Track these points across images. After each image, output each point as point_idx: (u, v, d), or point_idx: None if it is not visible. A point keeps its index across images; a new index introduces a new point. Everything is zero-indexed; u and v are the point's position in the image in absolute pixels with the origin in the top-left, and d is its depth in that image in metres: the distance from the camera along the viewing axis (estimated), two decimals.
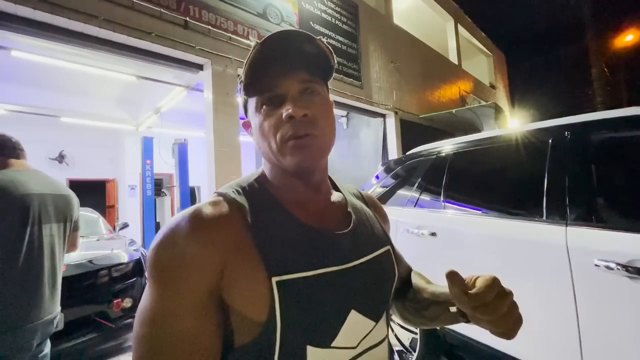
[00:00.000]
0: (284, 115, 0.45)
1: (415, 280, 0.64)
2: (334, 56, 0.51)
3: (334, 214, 0.54)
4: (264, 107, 0.48)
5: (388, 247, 0.57)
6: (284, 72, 0.47)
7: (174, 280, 0.39)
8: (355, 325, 0.46)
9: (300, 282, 0.42)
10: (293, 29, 0.48)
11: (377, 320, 0.49)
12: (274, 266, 0.41)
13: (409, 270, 0.70)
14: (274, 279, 0.40)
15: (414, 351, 2.05)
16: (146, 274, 0.42)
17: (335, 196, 0.57)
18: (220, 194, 0.48)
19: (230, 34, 3.69)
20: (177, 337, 0.38)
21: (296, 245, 0.45)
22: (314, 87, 0.49)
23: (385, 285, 0.53)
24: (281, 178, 0.51)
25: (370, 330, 0.48)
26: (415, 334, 2.07)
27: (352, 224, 0.52)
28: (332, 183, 0.60)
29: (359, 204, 0.60)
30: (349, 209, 0.55)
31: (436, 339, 1.93)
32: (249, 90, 0.49)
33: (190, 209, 0.44)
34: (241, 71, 0.50)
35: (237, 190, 0.49)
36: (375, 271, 0.51)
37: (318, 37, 0.49)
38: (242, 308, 0.41)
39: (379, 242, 0.55)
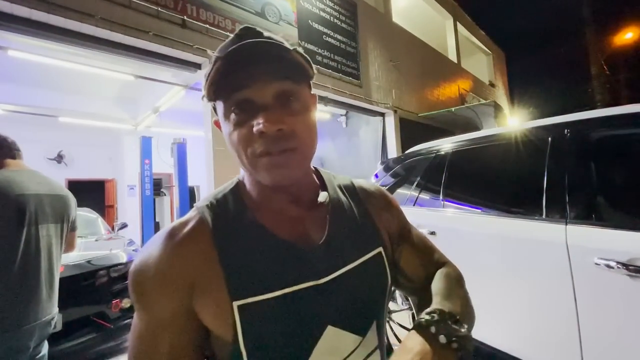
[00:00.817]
0: (254, 129, 0.40)
1: (434, 284, 0.54)
2: (311, 63, 0.47)
3: (313, 222, 0.49)
4: (233, 114, 0.42)
5: (379, 249, 0.51)
6: (252, 76, 0.41)
7: (149, 301, 0.40)
8: (334, 341, 0.43)
9: (263, 304, 0.40)
10: (264, 39, 0.42)
11: (364, 334, 0.46)
12: (237, 289, 0.40)
13: (431, 269, 0.58)
14: (235, 304, 0.40)
15: None
16: None
17: (321, 197, 0.52)
18: (196, 208, 0.48)
19: (228, 33, 3.67)
20: (155, 354, 0.40)
21: (263, 263, 0.42)
22: (292, 91, 0.43)
23: (373, 294, 0.48)
24: (257, 187, 0.48)
25: (357, 346, 0.45)
26: None
27: (325, 235, 0.47)
28: (320, 179, 0.55)
29: (346, 202, 0.54)
30: (328, 214, 0.50)
31: None
32: (216, 93, 0.43)
33: (164, 230, 0.45)
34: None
35: (211, 203, 0.47)
36: (360, 279, 0.47)
37: (292, 48, 0.44)
38: (212, 327, 0.41)
39: (365, 246, 0.50)
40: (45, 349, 1.31)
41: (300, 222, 0.48)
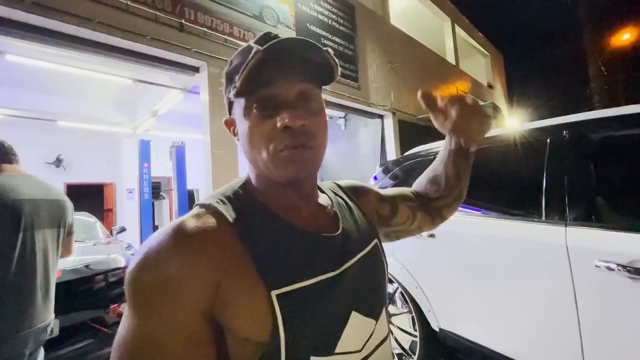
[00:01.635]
0: (279, 124, 0.41)
1: (424, 181, 0.74)
2: (338, 66, 0.47)
3: (323, 217, 0.52)
4: (255, 111, 0.43)
5: (375, 240, 0.56)
6: (280, 72, 0.43)
7: (159, 306, 0.35)
8: (357, 327, 0.45)
9: (300, 292, 0.40)
10: (300, 37, 0.43)
11: (377, 319, 0.49)
12: (272, 278, 0.39)
13: (411, 192, 0.73)
14: (274, 293, 0.38)
15: (414, 354, 2.03)
16: (126, 299, 0.37)
17: (322, 199, 0.55)
18: (202, 206, 0.45)
19: (226, 36, 3.68)
20: None
21: (291, 253, 0.43)
22: (312, 93, 0.45)
23: (379, 281, 0.53)
24: (269, 185, 0.48)
25: (373, 330, 0.48)
26: (415, 337, 2.05)
27: (340, 226, 0.51)
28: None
29: (342, 201, 0.58)
30: (335, 210, 0.54)
31: (436, 342, 1.91)
32: (242, 91, 0.43)
33: (172, 224, 0.40)
34: (225, 70, 0.47)
35: (222, 200, 0.45)
36: (368, 268, 0.51)
37: (325, 48, 0.44)
38: (240, 328, 0.37)
39: (366, 238, 0.55)
40: (41, 355, 1.30)
41: (315, 217, 0.51)
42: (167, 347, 0.34)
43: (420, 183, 0.75)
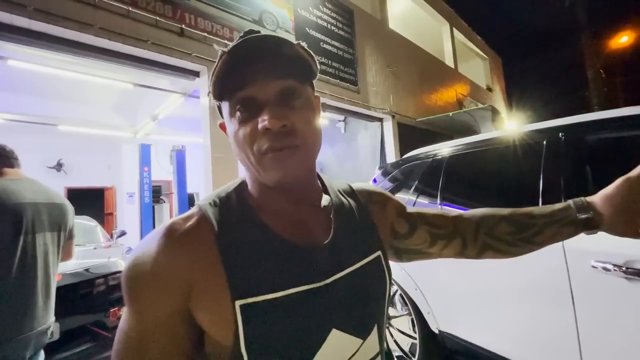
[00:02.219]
0: (259, 126, 0.40)
1: (497, 215, 0.59)
2: (315, 59, 0.46)
3: (316, 224, 0.49)
4: (238, 112, 0.43)
5: (378, 252, 0.52)
6: (256, 73, 0.42)
7: (139, 300, 0.39)
8: (337, 345, 0.43)
9: (267, 304, 0.39)
10: (268, 34, 0.42)
11: (364, 337, 0.46)
12: (239, 287, 0.39)
13: (442, 214, 0.62)
14: (238, 302, 0.38)
15: (414, 357, 2.03)
16: None
17: (324, 200, 0.52)
18: (198, 206, 0.46)
19: (226, 41, 3.71)
20: (143, 358, 0.38)
21: (267, 263, 0.42)
22: (294, 88, 0.43)
23: (374, 297, 0.49)
24: (260, 188, 0.48)
25: (358, 349, 0.45)
26: (415, 339, 2.05)
27: (331, 235, 0.48)
28: (322, 183, 0.56)
29: (348, 205, 0.55)
30: (331, 216, 0.51)
31: (436, 344, 1.91)
32: (221, 92, 0.44)
33: (163, 225, 0.43)
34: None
35: (214, 202, 0.46)
36: (361, 283, 0.47)
37: (296, 42, 0.43)
38: (209, 330, 0.40)
39: (366, 249, 0.51)
40: (41, 358, 1.30)
41: (304, 224, 0.48)
42: (149, 337, 0.38)
43: (489, 215, 0.61)
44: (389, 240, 0.59)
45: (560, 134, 1.48)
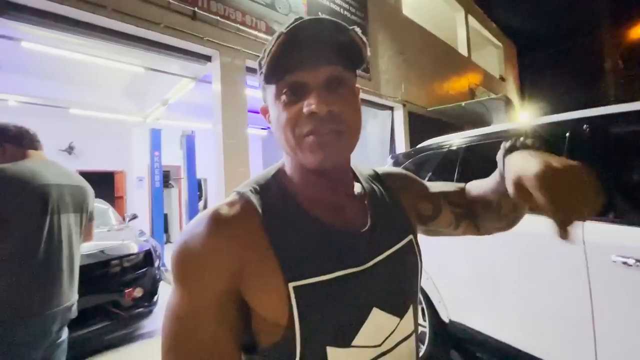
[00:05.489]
0: (305, 109, 0.41)
1: (479, 187, 0.62)
2: (367, 46, 0.46)
3: (353, 210, 0.51)
4: (284, 96, 0.43)
5: (410, 236, 0.55)
6: (308, 58, 0.42)
7: (190, 281, 0.40)
8: (377, 323, 0.45)
9: (317, 286, 0.41)
10: (325, 17, 0.42)
11: (401, 316, 0.48)
12: (291, 270, 0.41)
13: (462, 192, 0.65)
14: (291, 285, 0.40)
15: (423, 344, 2.06)
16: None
17: (357, 188, 0.54)
18: (238, 193, 0.47)
19: (238, 25, 3.65)
20: (195, 337, 0.38)
21: (313, 247, 0.44)
22: (342, 77, 0.44)
23: (409, 279, 0.52)
24: (299, 173, 0.49)
25: (396, 327, 0.47)
26: (424, 327, 2.07)
27: (369, 222, 0.50)
28: (352, 173, 0.57)
29: (379, 191, 0.57)
30: (366, 202, 0.53)
31: (446, 333, 1.93)
32: (269, 77, 0.44)
33: (209, 210, 0.44)
34: (259, 59, 0.46)
35: (255, 189, 0.48)
36: (397, 266, 0.50)
37: (351, 27, 0.44)
38: (262, 311, 0.41)
39: (399, 233, 0.53)
40: (65, 333, 1.35)
41: (343, 210, 0.50)
42: (200, 319, 0.39)
43: (478, 188, 0.63)
44: (416, 222, 0.61)
45: (584, 126, 1.45)
